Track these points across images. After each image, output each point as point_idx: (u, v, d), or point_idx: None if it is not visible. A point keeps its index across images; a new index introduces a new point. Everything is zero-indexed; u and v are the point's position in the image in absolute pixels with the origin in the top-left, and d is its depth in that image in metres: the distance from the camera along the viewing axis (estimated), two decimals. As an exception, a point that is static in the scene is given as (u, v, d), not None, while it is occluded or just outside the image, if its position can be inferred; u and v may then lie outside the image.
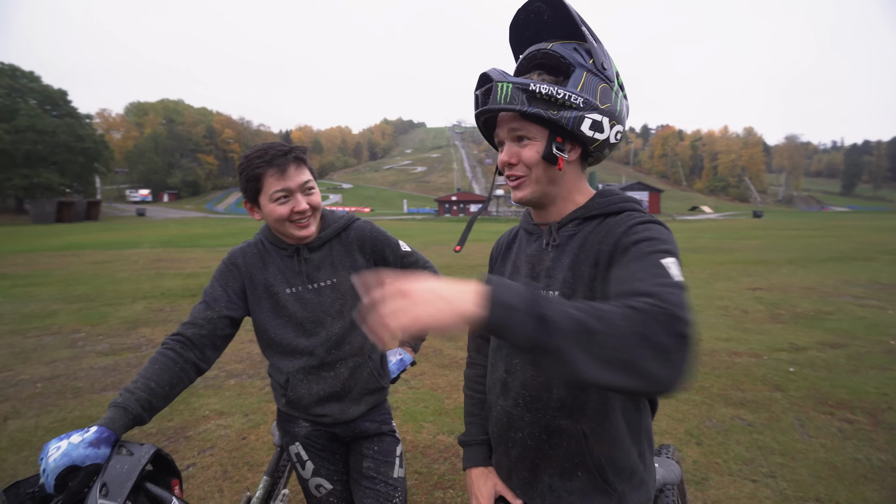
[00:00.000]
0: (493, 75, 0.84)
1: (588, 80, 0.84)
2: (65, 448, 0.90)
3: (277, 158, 1.21)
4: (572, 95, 0.82)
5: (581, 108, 0.83)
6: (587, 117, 0.84)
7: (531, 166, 0.89)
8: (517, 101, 0.83)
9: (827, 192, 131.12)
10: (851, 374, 3.95)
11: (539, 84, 0.82)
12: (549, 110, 0.83)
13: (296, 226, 1.27)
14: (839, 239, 18.74)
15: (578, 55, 0.86)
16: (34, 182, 45.58)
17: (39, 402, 3.52)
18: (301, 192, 1.25)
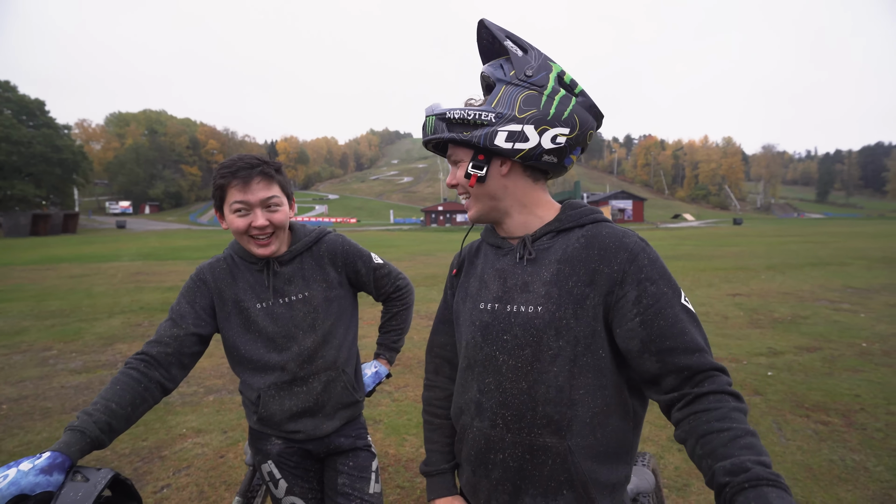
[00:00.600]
0: (426, 111, 0.91)
1: (507, 92, 0.86)
2: (12, 476, 0.85)
3: (242, 171, 1.20)
4: (482, 113, 0.85)
5: (493, 122, 0.85)
6: (500, 130, 0.85)
7: (468, 186, 0.93)
8: (439, 130, 0.89)
9: (803, 199, 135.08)
10: (826, 377, 4.04)
11: (453, 110, 0.87)
12: (463, 132, 0.87)
13: (255, 242, 1.25)
14: (815, 245, 19.26)
15: (500, 70, 0.88)
16: (8, 193, 44.42)
17: (4, 425, 3.39)
18: (261, 207, 1.23)
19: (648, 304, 0.81)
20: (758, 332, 5.64)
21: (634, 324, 0.81)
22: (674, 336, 0.79)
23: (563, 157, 0.88)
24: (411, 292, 1.56)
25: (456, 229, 48.88)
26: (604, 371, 0.85)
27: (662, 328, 0.79)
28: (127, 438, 3.15)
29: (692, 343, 0.78)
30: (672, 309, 0.80)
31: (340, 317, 1.38)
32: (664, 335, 0.79)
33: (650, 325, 0.80)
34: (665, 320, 0.80)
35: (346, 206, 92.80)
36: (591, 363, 0.84)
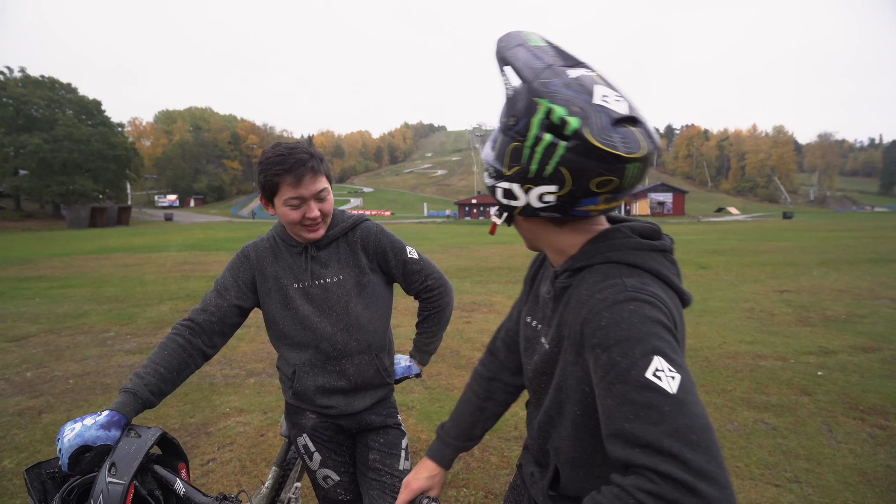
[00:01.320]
0: None
1: (501, 142, 0.77)
2: (78, 430, 0.97)
3: (297, 168, 1.23)
4: (489, 166, 0.81)
5: (494, 177, 0.80)
6: (497, 186, 0.80)
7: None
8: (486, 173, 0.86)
9: (863, 191, 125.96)
10: (885, 379, 3.78)
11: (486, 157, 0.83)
12: (487, 178, 0.83)
13: (306, 229, 1.31)
14: (875, 240, 17.96)
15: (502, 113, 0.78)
16: (70, 189, 47.53)
17: (71, 398, 3.68)
18: (314, 199, 1.28)
19: (600, 376, 0.67)
20: (807, 330, 5.34)
21: (597, 396, 0.68)
22: (618, 420, 0.62)
23: (566, 210, 0.76)
24: (445, 294, 1.50)
25: (489, 222, 48.58)
26: (582, 427, 0.80)
27: (608, 409, 0.64)
28: (176, 415, 3.35)
29: (634, 436, 0.59)
30: (622, 385, 0.62)
31: (374, 302, 1.41)
32: (609, 418, 0.64)
33: (601, 402, 0.66)
34: (613, 398, 0.63)
35: (381, 199, 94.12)
36: (569, 413, 0.81)
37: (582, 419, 0.79)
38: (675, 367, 0.62)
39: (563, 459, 0.86)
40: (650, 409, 0.59)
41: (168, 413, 3.37)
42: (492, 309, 6.79)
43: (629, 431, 0.60)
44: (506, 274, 10.38)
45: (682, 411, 0.58)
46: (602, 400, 0.66)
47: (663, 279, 0.77)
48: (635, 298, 0.70)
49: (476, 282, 9.32)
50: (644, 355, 0.63)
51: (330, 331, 1.36)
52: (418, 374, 1.59)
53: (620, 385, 0.63)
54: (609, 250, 0.79)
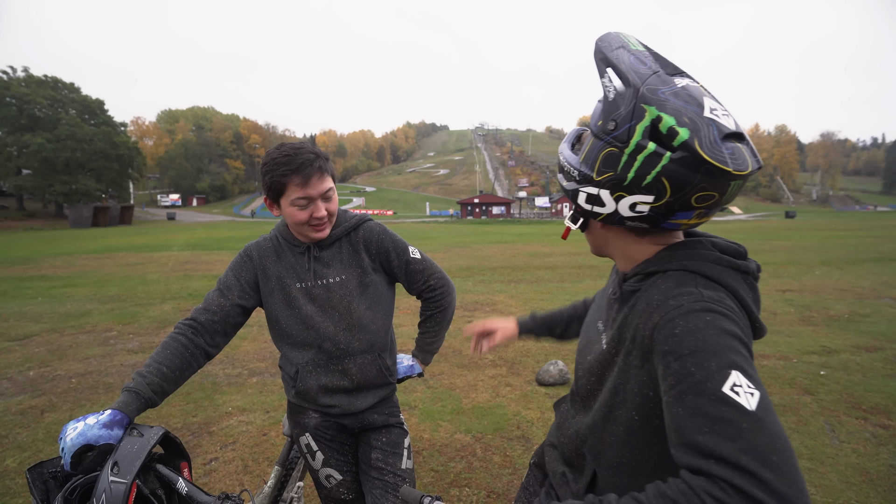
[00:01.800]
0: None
1: (592, 146, 0.76)
2: (81, 429, 0.98)
3: (304, 168, 1.23)
4: (572, 169, 0.79)
5: (578, 180, 0.79)
6: (581, 191, 0.79)
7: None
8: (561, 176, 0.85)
9: (866, 190, 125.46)
10: (888, 379, 3.77)
11: (562, 151, 0.83)
12: (564, 179, 0.83)
13: (313, 229, 1.31)
14: (878, 239, 17.89)
15: (595, 114, 0.77)
16: (73, 188, 47.70)
17: (73, 397, 3.69)
18: (321, 199, 1.28)
19: (670, 384, 0.65)
20: (810, 329, 5.33)
21: (664, 403, 0.66)
22: (689, 430, 0.60)
23: (658, 222, 0.75)
24: (447, 294, 1.50)
25: (492, 221, 48.60)
26: (637, 433, 0.77)
27: (679, 418, 0.61)
28: (178, 414, 3.36)
29: (707, 447, 0.57)
30: (696, 397, 0.60)
31: (377, 302, 1.41)
32: (679, 427, 0.61)
33: (670, 411, 0.64)
34: (684, 408, 0.61)
35: (383, 199, 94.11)
36: (623, 418, 0.79)
37: (638, 425, 0.76)
38: (753, 383, 0.60)
39: (605, 464, 0.84)
40: (727, 424, 0.57)
41: (170, 412, 3.38)
42: (494, 308, 6.79)
43: (702, 443, 0.58)
44: (508, 273, 10.37)
45: (762, 430, 0.56)
46: (671, 409, 0.64)
47: (739, 300, 0.73)
48: (711, 310, 0.67)
49: (478, 281, 9.31)
50: (721, 369, 0.61)
51: (332, 330, 1.36)
52: (421, 374, 1.58)
53: (694, 396, 0.60)
54: (686, 259, 0.76)
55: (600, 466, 0.85)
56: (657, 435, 0.74)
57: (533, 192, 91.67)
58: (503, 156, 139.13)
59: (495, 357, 4.55)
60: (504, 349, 4.78)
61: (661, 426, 0.71)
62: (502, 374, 4.10)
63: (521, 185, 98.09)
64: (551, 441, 1.03)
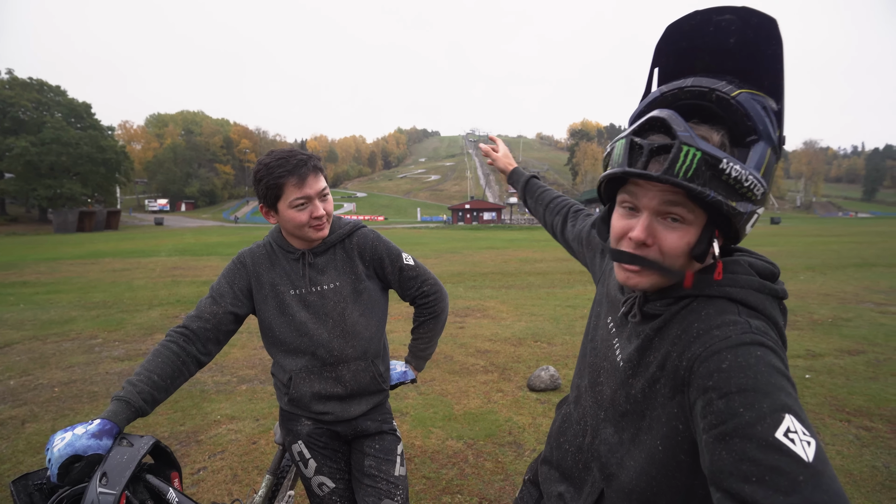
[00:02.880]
0: (680, 131, 0.62)
1: (771, 160, 0.64)
2: (69, 439, 0.95)
3: (299, 168, 1.24)
4: (757, 185, 0.63)
5: (758, 200, 0.64)
6: (757, 212, 0.66)
7: (671, 256, 0.68)
8: (699, 179, 0.62)
9: (847, 197, 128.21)
10: (870, 381, 3.85)
11: (731, 163, 0.61)
12: (729, 199, 0.63)
13: (314, 230, 1.31)
14: (860, 245, 18.29)
15: (768, 119, 0.64)
16: (57, 192, 46.87)
17: (56, 406, 3.61)
18: (318, 198, 1.29)
19: (712, 422, 0.58)
20: (795, 333, 5.42)
21: (703, 441, 0.59)
22: (734, 477, 0.53)
23: None
24: (440, 300, 1.51)
25: (483, 227, 48.73)
26: (657, 464, 0.70)
27: (721, 462, 0.55)
28: (166, 423, 3.31)
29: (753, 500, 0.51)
30: (744, 441, 0.54)
31: (370, 309, 1.41)
32: (721, 472, 0.55)
33: (712, 452, 0.57)
34: (730, 453, 0.54)
35: (374, 204, 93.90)
36: (647, 445, 0.71)
37: (661, 456, 0.69)
38: (808, 430, 0.54)
39: (617, 487, 0.76)
40: (779, 475, 0.50)
41: (158, 421, 3.32)
42: (485, 314, 6.80)
43: (748, 494, 0.51)
44: (499, 279, 10.40)
45: (820, 485, 0.49)
46: (712, 450, 0.57)
47: (779, 331, 0.67)
48: (762, 343, 0.61)
49: (469, 287, 9.32)
50: (773, 411, 0.54)
51: (326, 337, 1.36)
52: (414, 380, 1.59)
53: (741, 440, 0.54)
54: (729, 285, 0.68)
55: (610, 488, 0.78)
56: (680, 470, 0.68)
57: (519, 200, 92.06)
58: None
59: (486, 363, 4.55)
60: (495, 355, 4.79)
61: (686, 462, 0.67)
62: (494, 380, 4.10)
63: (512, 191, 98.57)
64: (547, 457, 0.98)
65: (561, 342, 5.17)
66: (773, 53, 0.64)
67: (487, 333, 5.65)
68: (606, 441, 0.79)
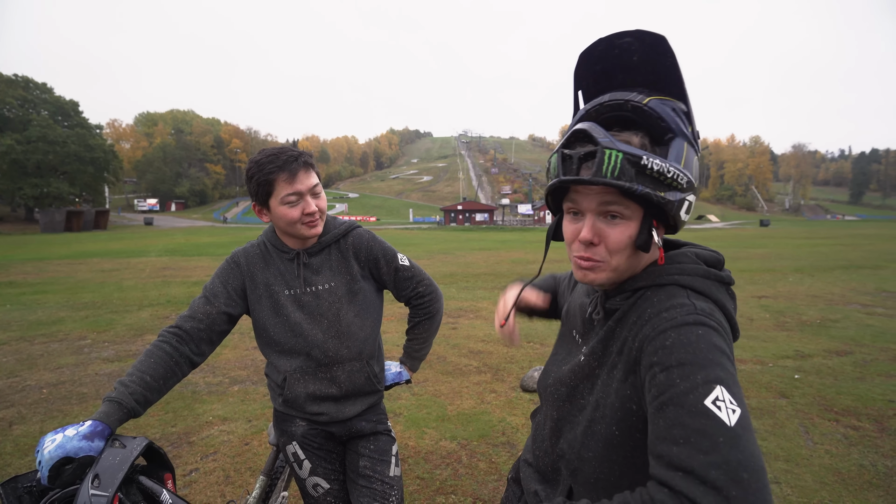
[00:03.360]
0: (600, 138, 0.69)
1: (689, 153, 0.72)
2: (60, 440, 0.94)
3: (289, 164, 1.24)
4: (680, 174, 0.70)
5: (685, 188, 0.71)
6: (687, 199, 0.72)
7: (616, 251, 0.75)
8: (626, 177, 0.69)
9: (835, 200, 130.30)
10: (857, 382, 3.91)
11: (651, 158, 0.68)
12: (657, 190, 0.70)
13: (306, 226, 1.30)
14: (847, 247, 18.58)
15: (679, 119, 0.72)
16: (44, 191, 46.11)
17: (44, 408, 3.56)
18: (310, 194, 1.28)
19: (653, 395, 0.65)
20: (784, 334, 5.49)
21: (648, 415, 0.66)
22: (665, 441, 0.60)
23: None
24: (435, 301, 1.51)
25: (475, 228, 48.78)
26: (617, 448, 0.76)
27: (659, 429, 0.61)
28: (157, 424, 3.27)
29: (678, 460, 0.57)
30: (676, 408, 0.60)
31: (365, 310, 1.41)
32: (656, 438, 0.62)
33: (651, 422, 0.64)
34: (665, 420, 0.61)
35: (366, 205, 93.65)
36: (603, 433, 0.77)
37: (619, 440, 0.75)
38: (736, 400, 0.60)
39: (582, 480, 0.82)
40: (702, 437, 0.57)
41: (149, 422, 3.29)
42: (478, 315, 6.81)
43: (675, 455, 0.58)
44: (491, 280, 10.42)
45: (737, 446, 0.55)
46: (652, 419, 0.64)
47: (725, 313, 0.74)
48: (704, 323, 0.67)
49: (462, 288, 9.33)
50: (706, 382, 0.61)
51: (321, 338, 1.35)
52: (408, 381, 1.59)
53: (674, 407, 0.61)
54: (678, 273, 0.75)
55: (577, 483, 0.83)
56: (637, 450, 0.73)
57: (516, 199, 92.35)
58: (486, 163, 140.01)
59: (480, 364, 4.56)
60: (488, 356, 4.80)
61: (641, 440, 0.72)
62: (487, 380, 4.11)
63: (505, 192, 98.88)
64: (526, 458, 1.01)
65: (553, 343, 5.19)
66: (670, 64, 0.72)
67: (480, 334, 5.66)
68: (566, 439, 0.85)
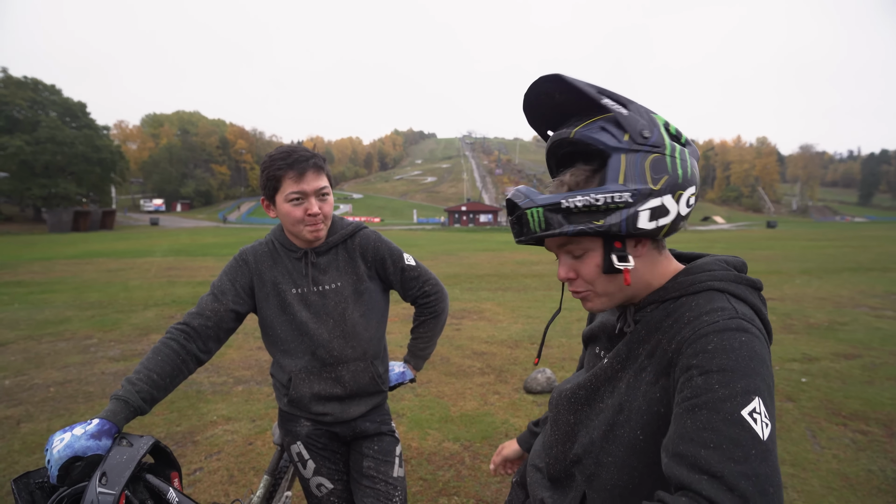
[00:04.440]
0: (518, 201, 0.73)
1: (630, 161, 0.71)
2: (68, 440, 0.94)
3: (299, 163, 1.25)
4: (614, 195, 0.69)
5: (631, 203, 0.70)
6: (641, 211, 0.70)
7: (592, 280, 0.77)
8: (555, 224, 0.71)
9: (843, 202, 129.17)
10: (866, 385, 3.87)
11: (571, 199, 0.69)
12: (594, 221, 0.70)
13: (308, 228, 1.31)
14: (855, 249, 18.42)
15: (608, 134, 0.72)
16: (52, 192, 46.53)
17: (51, 407, 3.59)
18: (315, 196, 1.29)
19: (686, 396, 0.63)
20: (791, 337, 5.45)
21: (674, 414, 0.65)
22: (692, 443, 0.59)
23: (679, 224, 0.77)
24: (441, 300, 1.52)
25: (479, 229, 48.77)
26: (639, 453, 0.74)
27: (687, 430, 0.60)
28: (162, 423, 3.29)
29: (707, 463, 0.57)
30: (711, 413, 0.60)
31: (371, 310, 1.41)
32: (681, 437, 0.61)
33: (677, 422, 0.63)
34: (695, 422, 0.60)
35: (370, 206, 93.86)
36: (625, 437, 0.76)
37: (643, 445, 0.74)
38: (769, 415, 0.60)
39: (598, 486, 0.80)
40: (735, 446, 0.57)
41: (154, 422, 3.31)
42: (482, 316, 6.80)
43: (703, 457, 0.57)
44: (495, 281, 10.41)
45: (767, 461, 0.56)
46: (679, 420, 0.63)
47: (762, 318, 0.73)
48: (747, 330, 0.66)
49: (466, 289, 9.33)
50: (745, 392, 0.60)
51: (326, 337, 1.36)
52: (413, 380, 1.59)
53: (709, 412, 0.60)
54: (711, 280, 0.75)
55: (592, 489, 0.81)
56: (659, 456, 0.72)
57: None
58: (491, 164, 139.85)
59: (483, 365, 4.55)
60: (492, 357, 4.79)
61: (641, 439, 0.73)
62: (490, 382, 4.10)
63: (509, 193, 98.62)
64: (535, 463, 0.99)
65: (557, 344, 5.18)
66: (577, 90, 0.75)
67: (484, 335, 5.65)
68: (582, 444, 0.84)
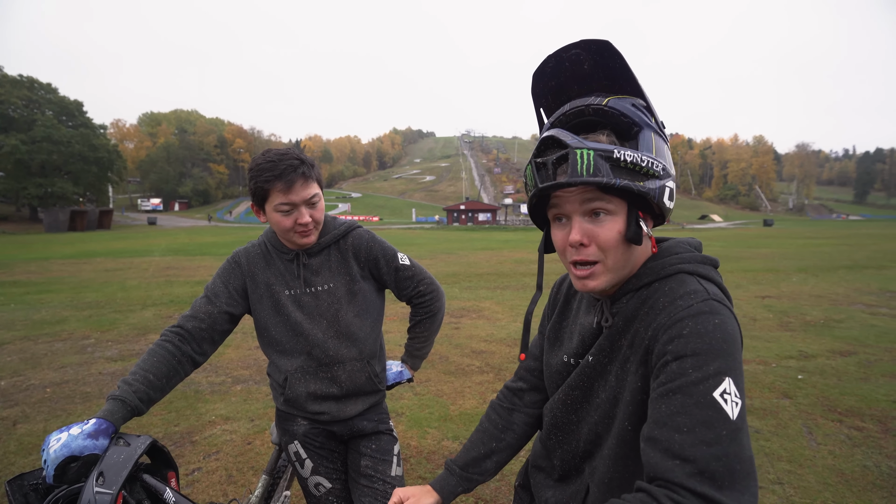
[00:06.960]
0: (569, 140, 0.69)
1: (658, 142, 0.73)
2: (64, 439, 0.94)
3: (287, 174, 1.22)
4: (654, 162, 0.70)
5: (662, 176, 0.71)
6: (667, 186, 0.72)
7: (608, 249, 0.73)
8: (602, 173, 0.68)
9: (839, 200, 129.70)
10: (861, 382, 3.89)
11: (623, 151, 0.68)
12: (636, 181, 0.69)
13: (298, 235, 1.30)
14: (851, 247, 18.50)
15: (640, 113, 0.73)
16: (48, 191, 46.34)
17: (48, 407, 3.58)
18: (305, 205, 1.27)
19: (661, 381, 0.65)
20: (788, 334, 5.47)
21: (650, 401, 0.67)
22: (666, 427, 0.61)
23: None
24: (437, 299, 1.50)
25: (478, 228, 48.77)
26: (629, 444, 0.75)
27: (662, 415, 0.63)
28: (160, 423, 3.28)
29: (679, 448, 0.59)
30: (684, 397, 0.62)
31: (365, 310, 1.41)
32: (658, 422, 0.63)
33: (654, 407, 0.65)
34: (669, 406, 0.62)
35: (369, 205, 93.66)
36: (615, 429, 0.77)
37: (631, 435, 0.74)
38: (739, 392, 0.62)
39: (598, 480, 0.81)
40: (707, 428, 0.59)
41: (152, 422, 3.30)
42: (481, 315, 6.81)
43: (677, 442, 0.60)
44: (494, 280, 10.41)
45: (736, 439, 0.59)
46: (654, 404, 0.65)
47: (725, 293, 0.75)
48: (719, 312, 0.68)
49: (465, 288, 9.33)
50: (717, 373, 0.62)
51: (321, 338, 1.36)
52: (410, 379, 1.59)
53: (682, 396, 0.62)
54: (679, 263, 0.76)
55: (594, 482, 0.82)
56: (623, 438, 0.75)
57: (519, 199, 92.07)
58: (489, 163, 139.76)
59: (482, 364, 4.56)
60: (491, 356, 4.80)
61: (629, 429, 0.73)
62: (489, 380, 4.11)
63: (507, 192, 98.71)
64: (538, 463, 0.99)
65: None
66: (619, 65, 0.74)
67: (483, 334, 5.66)
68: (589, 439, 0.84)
